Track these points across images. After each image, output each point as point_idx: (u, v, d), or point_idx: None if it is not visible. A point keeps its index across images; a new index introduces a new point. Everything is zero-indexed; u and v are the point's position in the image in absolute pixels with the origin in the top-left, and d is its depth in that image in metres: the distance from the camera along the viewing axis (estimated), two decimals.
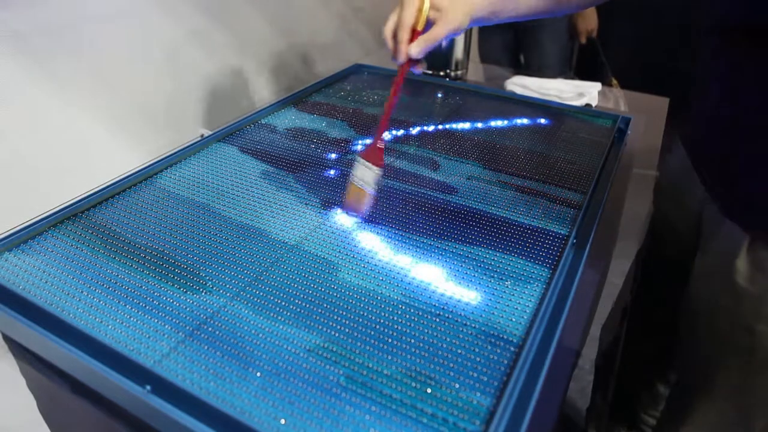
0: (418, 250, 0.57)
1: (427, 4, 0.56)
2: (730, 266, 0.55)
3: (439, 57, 1.16)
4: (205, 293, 0.50)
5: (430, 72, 1.18)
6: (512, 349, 0.45)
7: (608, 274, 0.75)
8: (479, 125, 0.87)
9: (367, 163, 0.59)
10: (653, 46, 2.08)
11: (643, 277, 0.77)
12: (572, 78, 1.17)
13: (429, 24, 0.57)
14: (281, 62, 1.36)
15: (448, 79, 1.15)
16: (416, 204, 0.65)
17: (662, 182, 0.74)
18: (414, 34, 0.57)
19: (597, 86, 1.13)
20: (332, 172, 0.72)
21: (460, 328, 0.47)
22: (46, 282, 0.51)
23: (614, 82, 1.42)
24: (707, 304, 0.61)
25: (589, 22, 1.65)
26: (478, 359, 0.44)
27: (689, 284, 0.64)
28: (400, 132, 0.84)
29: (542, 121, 0.90)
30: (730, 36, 0.53)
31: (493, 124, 0.88)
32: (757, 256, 0.53)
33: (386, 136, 0.82)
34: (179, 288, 0.51)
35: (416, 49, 0.56)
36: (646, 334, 0.82)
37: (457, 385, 0.41)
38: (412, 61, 0.58)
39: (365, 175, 0.60)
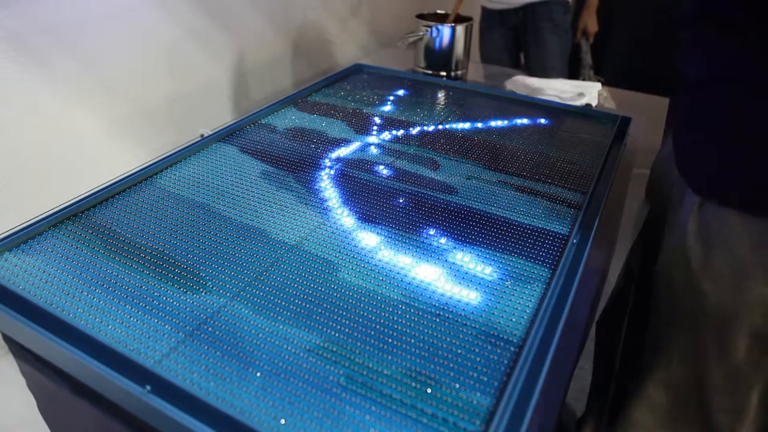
0: (418, 250, 0.57)
1: None
2: (684, 231, 0.56)
3: (439, 57, 1.16)
4: (205, 293, 0.50)
5: (430, 72, 1.18)
6: (512, 349, 0.45)
7: (608, 274, 0.75)
8: (479, 125, 0.87)
9: None
10: (653, 46, 2.09)
11: (641, 268, 0.77)
12: (587, 78, 1.17)
13: None
14: (281, 62, 1.36)
15: (448, 79, 1.15)
16: (416, 204, 0.65)
17: (653, 171, 0.75)
18: None
19: (597, 86, 1.13)
20: (332, 172, 0.72)
21: (460, 328, 0.47)
22: (46, 282, 0.51)
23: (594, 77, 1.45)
24: (666, 275, 0.62)
25: (595, 23, 1.72)
26: (478, 359, 0.44)
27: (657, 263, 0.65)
28: (400, 132, 0.84)
29: (542, 121, 0.90)
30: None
31: (493, 124, 0.88)
32: (703, 215, 0.54)
33: (386, 136, 0.83)
34: (179, 288, 0.51)
35: None
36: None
37: (457, 385, 0.41)
38: None
39: None
